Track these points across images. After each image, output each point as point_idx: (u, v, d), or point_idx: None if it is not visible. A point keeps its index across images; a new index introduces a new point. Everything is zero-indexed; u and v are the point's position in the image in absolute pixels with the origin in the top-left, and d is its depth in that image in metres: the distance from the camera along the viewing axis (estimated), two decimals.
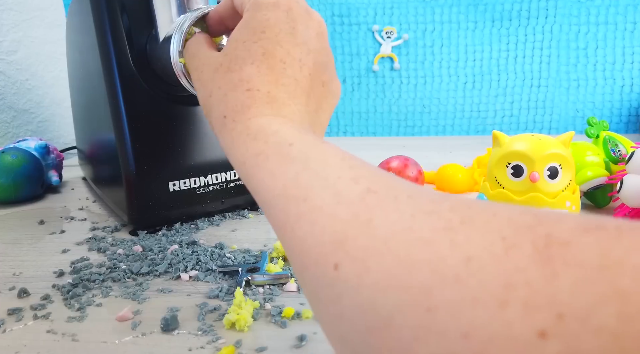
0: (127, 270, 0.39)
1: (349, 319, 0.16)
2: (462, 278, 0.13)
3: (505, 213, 0.15)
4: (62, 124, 0.97)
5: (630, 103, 1.02)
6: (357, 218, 0.17)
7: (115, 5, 0.45)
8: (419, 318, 0.13)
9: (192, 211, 0.50)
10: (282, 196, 0.20)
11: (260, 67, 0.26)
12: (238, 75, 0.26)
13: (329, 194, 0.18)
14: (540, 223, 0.14)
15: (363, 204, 0.17)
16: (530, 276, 0.12)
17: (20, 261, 0.43)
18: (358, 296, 0.15)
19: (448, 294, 0.13)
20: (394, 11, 1.04)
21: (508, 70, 1.04)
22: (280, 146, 0.22)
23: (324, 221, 0.18)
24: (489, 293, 0.12)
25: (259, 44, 0.26)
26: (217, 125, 0.27)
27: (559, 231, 0.13)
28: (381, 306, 0.14)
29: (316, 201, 0.19)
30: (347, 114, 1.11)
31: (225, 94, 0.26)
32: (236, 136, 0.24)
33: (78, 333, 0.31)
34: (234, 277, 0.38)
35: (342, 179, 0.19)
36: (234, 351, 0.28)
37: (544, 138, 0.41)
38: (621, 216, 0.47)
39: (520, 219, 0.14)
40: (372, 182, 0.18)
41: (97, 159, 0.59)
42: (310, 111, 0.27)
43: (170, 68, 0.39)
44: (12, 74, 0.84)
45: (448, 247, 0.14)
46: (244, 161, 0.23)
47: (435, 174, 0.63)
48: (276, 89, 0.26)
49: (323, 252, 0.17)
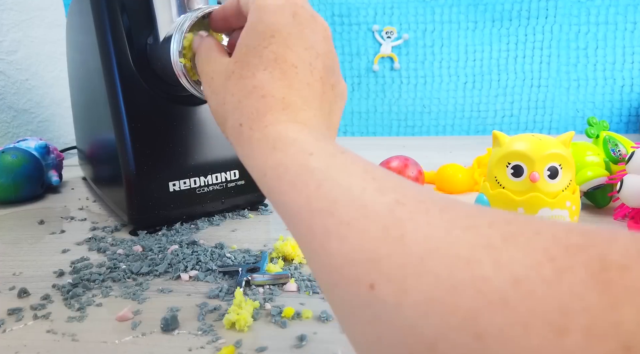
0: (127, 270, 0.39)
1: (388, 342, 0.15)
2: (510, 302, 0.12)
3: (549, 231, 0.14)
4: (62, 124, 0.97)
5: (631, 103, 1.02)
6: (389, 234, 0.16)
7: (116, 5, 0.45)
8: (466, 344, 0.13)
9: (192, 211, 0.50)
10: (306, 210, 0.19)
11: (273, 73, 0.26)
12: (251, 81, 0.26)
13: (355, 207, 0.18)
14: (591, 243, 0.13)
15: (393, 218, 0.17)
16: (589, 303, 0.11)
17: (20, 261, 0.43)
18: (398, 319, 0.15)
19: (497, 319, 0.12)
20: (394, 11, 1.04)
21: (508, 70, 1.04)
22: (299, 156, 0.21)
23: (353, 237, 0.17)
24: (542, 319, 0.12)
25: (269, 49, 0.26)
26: (234, 133, 0.26)
27: (614, 254, 0.12)
28: (424, 329, 0.14)
29: (343, 216, 0.18)
30: (347, 114, 1.11)
31: (240, 101, 0.26)
32: (255, 145, 0.24)
33: (78, 332, 0.31)
34: (234, 277, 0.38)
35: (367, 190, 0.18)
36: (234, 351, 0.28)
37: (544, 138, 0.41)
38: (621, 216, 0.48)
39: (567, 238, 0.13)
40: (399, 194, 0.18)
41: (97, 159, 0.59)
42: (324, 115, 0.27)
43: (170, 68, 0.39)
44: (12, 73, 0.84)
45: (491, 267, 0.13)
46: (265, 172, 0.23)
47: (435, 174, 0.63)
48: (290, 95, 0.25)
49: (356, 271, 0.16)
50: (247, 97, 0.26)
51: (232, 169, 0.51)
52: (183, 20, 0.38)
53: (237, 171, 0.51)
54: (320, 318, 0.31)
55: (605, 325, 0.11)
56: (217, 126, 0.49)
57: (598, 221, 0.49)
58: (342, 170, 0.20)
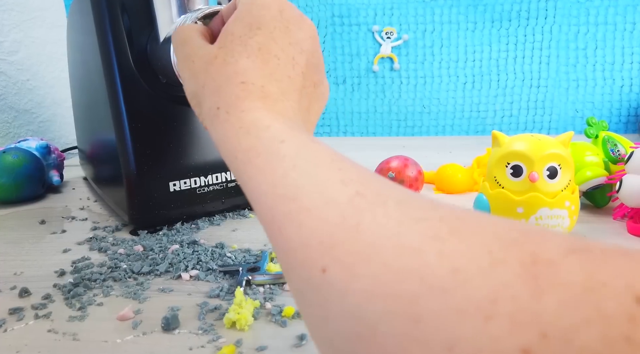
0: (128, 270, 0.39)
1: (334, 324, 0.16)
2: (448, 289, 0.13)
3: (492, 227, 0.15)
4: (63, 124, 0.97)
5: (630, 103, 1.02)
6: (345, 222, 0.17)
7: (116, 5, 0.45)
8: (404, 327, 0.13)
9: (192, 211, 0.50)
10: (271, 194, 0.20)
11: (255, 61, 0.26)
12: (233, 68, 0.26)
13: (317, 195, 0.18)
14: (526, 240, 0.14)
15: (351, 208, 0.17)
16: (516, 292, 0.12)
17: (21, 261, 0.43)
18: (345, 302, 0.15)
19: (435, 305, 0.13)
20: (394, 12, 1.04)
21: (507, 71, 1.04)
22: (271, 143, 0.22)
23: (311, 222, 0.18)
24: (475, 305, 0.13)
25: (254, 39, 0.27)
26: (209, 116, 0.27)
27: (545, 250, 0.13)
28: (367, 313, 0.14)
29: (304, 202, 0.19)
30: (347, 114, 1.11)
31: (220, 86, 0.26)
32: (229, 128, 0.25)
33: (79, 332, 0.31)
34: (235, 276, 0.38)
35: (331, 180, 0.19)
36: (235, 350, 0.28)
37: (543, 138, 0.41)
38: (620, 216, 0.48)
39: (506, 234, 0.14)
40: (361, 185, 0.18)
41: (97, 159, 0.59)
42: (302, 109, 0.28)
43: (170, 68, 0.39)
44: (13, 74, 0.85)
45: (436, 257, 0.14)
46: (236, 155, 0.23)
47: (435, 174, 0.63)
48: (270, 84, 0.26)
49: (310, 255, 0.17)
50: (227, 82, 0.26)
51: None
52: (183, 20, 0.38)
53: None
54: None
55: (527, 314, 0.12)
56: None
57: (597, 221, 0.49)
58: (310, 159, 0.20)
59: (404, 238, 0.15)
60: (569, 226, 0.42)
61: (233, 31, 0.28)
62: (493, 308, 0.12)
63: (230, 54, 0.27)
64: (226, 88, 0.26)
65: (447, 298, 0.13)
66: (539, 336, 0.11)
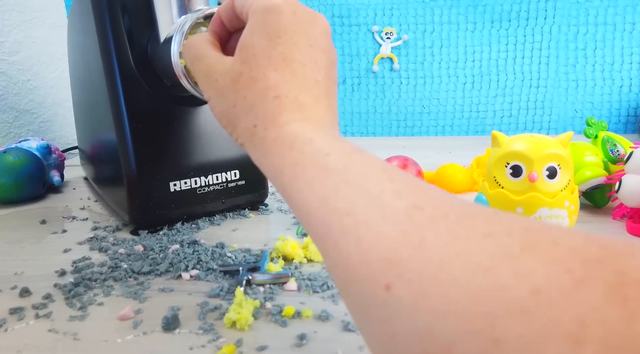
0: (129, 269, 0.39)
1: (402, 342, 0.15)
2: (530, 311, 0.13)
3: (567, 241, 0.14)
4: (63, 124, 0.97)
5: (629, 103, 1.02)
6: (407, 237, 0.17)
7: (117, 6, 0.45)
8: (483, 348, 0.13)
9: (192, 211, 0.50)
10: (323, 208, 0.20)
11: (283, 73, 0.26)
12: (263, 83, 0.26)
13: (373, 209, 0.18)
14: (609, 257, 0.13)
15: (411, 222, 0.17)
16: (605, 316, 0.12)
17: (22, 261, 0.43)
18: (414, 320, 0.15)
19: (516, 327, 0.13)
20: (394, 12, 1.04)
21: (507, 71, 1.04)
22: (317, 156, 0.22)
23: (371, 238, 0.17)
24: (562, 329, 0.12)
25: (277, 49, 0.26)
26: (247, 135, 0.26)
27: (631, 269, 0.13)
28: (440, 332, 0.14)
29: (360, 216, 0.18)
30: (347, 114, 1.11)
31: (253, 103, 0.26)
32: (270, 145, 0.24)
33: (79, 332, 0.31)
34: (235, 276, 0.38)
35: (385, 193, 0.19)
36: (235, 349, 0.29)
37: (542, 138, 0.41)
38: (619, 216, 0.48)
39: (585, 249, 0.14)
40: (415, 197, 0.18)
41: (98, 159, 0.59)
42: (332, 111, 0.28)
43: (171, 69, 0.39)
44: (14, 74, 0.85)
45: (511, 276, 0.14)
46: (282, 171, 0.23)
47: (435, 174, 0.63)
48: (302, 94, 0.26)
49: (373, 271, 0.17)
50: (260, 99, 0.26)
51: (233, 170, 0.51)
52: (184, 21, 0.38)
53: (237, 171, 0.52)
54: (320, 317, 0.32)
55: (621, 338, 0.11)
56: (217, 126, 0.49)
57: (596, 220, 0.49)
58: (359, 171, 0.20)
59: (473, 256, 0.15)
60: (568, 226, 0.42)
61: (253, 44, 0.27)
62: (582, 331, 0.12)
63: (255, 70, 0.26)
64: (260, 105, 0.26)
65: (529, 320, 0.13)
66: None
